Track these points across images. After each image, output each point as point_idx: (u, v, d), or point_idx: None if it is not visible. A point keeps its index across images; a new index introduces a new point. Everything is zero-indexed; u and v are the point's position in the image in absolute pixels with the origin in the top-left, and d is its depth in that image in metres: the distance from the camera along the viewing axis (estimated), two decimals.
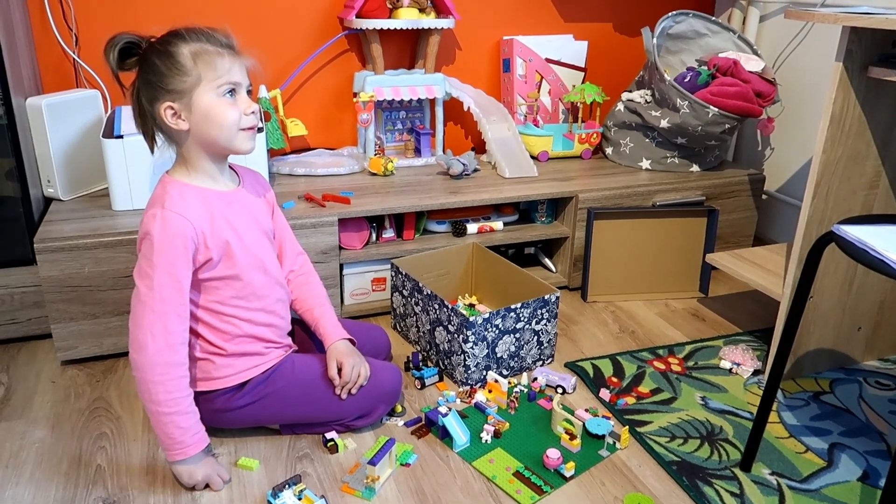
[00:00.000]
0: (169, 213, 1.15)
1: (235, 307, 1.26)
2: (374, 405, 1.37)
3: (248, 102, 1.20)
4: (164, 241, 1.15)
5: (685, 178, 2.07)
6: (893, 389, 1.59)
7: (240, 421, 1.33)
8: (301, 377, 1.32)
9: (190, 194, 1.20)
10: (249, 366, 1.29)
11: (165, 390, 1.16)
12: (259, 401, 1.30)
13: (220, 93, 1.16)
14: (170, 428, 1.18)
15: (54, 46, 1.87)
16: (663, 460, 1.33)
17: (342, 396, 1.32)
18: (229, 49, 1.18)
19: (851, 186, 1.47)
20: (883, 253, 1.00)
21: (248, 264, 1.26)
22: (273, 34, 2.05)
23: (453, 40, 2.24)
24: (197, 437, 1.20)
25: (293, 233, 1.44)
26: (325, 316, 1.39)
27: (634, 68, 2.39)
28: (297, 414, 1.34)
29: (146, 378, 1.16)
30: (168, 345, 1.16)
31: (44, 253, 1.49)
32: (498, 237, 1.94)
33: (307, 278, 1.43)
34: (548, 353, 1.65)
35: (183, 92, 1.15)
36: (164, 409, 1.17)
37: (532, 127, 2.21)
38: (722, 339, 1.78)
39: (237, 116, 1.18)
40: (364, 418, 1.37)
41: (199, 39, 1.15)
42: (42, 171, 1.72)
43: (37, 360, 1.64)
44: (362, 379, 1.33)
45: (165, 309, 1.15)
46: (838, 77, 1.34)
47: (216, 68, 1.15)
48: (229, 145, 1.20)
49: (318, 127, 2.20)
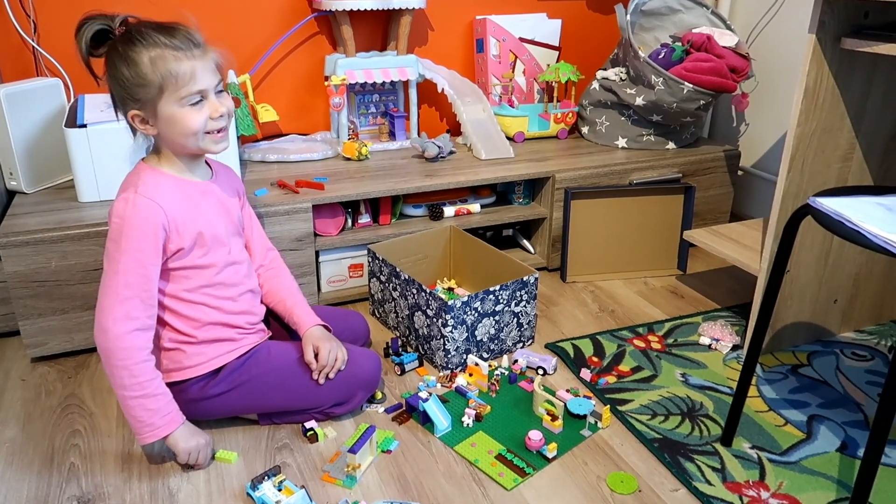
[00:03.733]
0: (141, 199, 1.14)
1: (204, 295, 1.24)
2: (353, 392, 1.35)
3: (216, 106, 1.16)
4: (134, 226, 1.13)
5: (661, 156, 2.07)
6: (870, 360, 1.61)
7: (217, 411, 1.31)
8: (277, 363, 1.31)
9: (163, 181, 1.19)
10: (222, 352, 1.27)
11: (130, 374, 1.15)
12: (235, 389, 1.28)
13: (183, 103, 1.13)
14: (138, 411, 1.17)
15: (12, 34, 1.81)
16: (645, 438, 1.33)
17: (320, 381, 1.31)
18: (194, 49, 1.13)
19: (826, 159, 1.47)
20: (859, 224, 1.00)
21: (219, 255, 1.25)
22: (241, 17, 2.00)
23: (425, 21, 2.20)
24: (167, 417, 1.19)
25: (264, 221, 1.42)
26: (297, 305, 1.38)
27: (609, 46, 2.37)
28: (274, 402, 1.32)
29: (110, 362, 1.15)
30: (129, 330, 1.14)
31: (8, 248, 1.45)
32: (475, 220, 1.92)
33: (277, 272, 1.42)
34: (528, 335, 1.64)
35: (146, 102, 1.13)
36: (130, 393, 1.16)
37: (507, 107, 2.19)
38: (701, 316, 1.79)
39: (202, 123, 1.15)
40: (343, 405, 1.36)
41: (159, 44, 1.11)
42: (3, 163, 1.67)
43: (5, 357, 1.59)
44: (339, 363, 1.31)
45: (129, 294, 1.14)
46: (811, 49, 1.34)
47: (178, 78, 1.11)
48: (197, 149, 1.19)
49: (290, 112, 2.16)
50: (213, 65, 1.16)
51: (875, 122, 1.50)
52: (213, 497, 1.19)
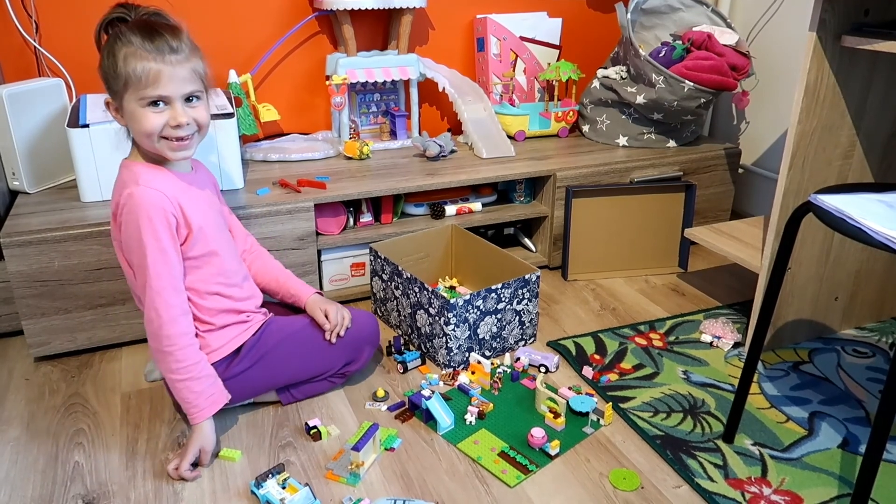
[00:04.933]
0: (145, 189, 1.17)
1: (217, 284, 1.29)
2: (360, 348, 1.44)
3: (176, 115, 1.16)
4: (147, 218, 1.17)
5: (662, 154, 2.07)
6: (871, 357, 1.61)
7: (241, 391, 1.34)
8: (288, 333, 1.37)
9: (158, 172, 1.22)
10: (239, 332, 1.33)
11: (175, 360, 1.20)
12: (256, 364, 1.33)
13: (142, 103, 1.14)
14: (185, 393, 1.22)
15: (14, 34, 1.81)
16: (647, 435, 1.34)
17: (332, 341, 1.38)
18: (169, 55, 1.13)
19: (827, 157, 1.48)
20: (861, 221, 1.01)
21: (221, 243, 1.30)
22: (242, 17, 2.00)
23: (426, 20, 2.21)
24: (211, 398, 1.24)
25: (266, 221, 1.45)
26: (289, 279, 1.47)
27: (609, 45, 2.38)
28: (292, 371, 1.38)
29: (157, 349, 1.21)
30: (170, 318, 1.19)
31: (11, 248, 1.45)
32: (477, 218, 1.92)
33: (260, 254, 1.49)
34: (530, 333, 1.64)
35: (116, 93, 1.17)
36: (176, 377, 1.21)
37: (508, 106, 2.19)
38: (702, 314, 1.79)
39: (156, 127, 1.16)
40: (353, 363, 1.44)
41: (134, 43, 1.12)
42: (6, 163, 1.67)
43: (8, 357, 1.60)
44: (347, 321, 1.41)
45: (162, 285, 1.19)
46: (812, 47, 1.34)
47: (141, 79, 1.13)
48: (154, 150, 1.20)
49: (291, 111, 2.16)
50: (191, 73, 1.16)
51: (875, 120, 1.50)
52: (218, 495, 1.19)
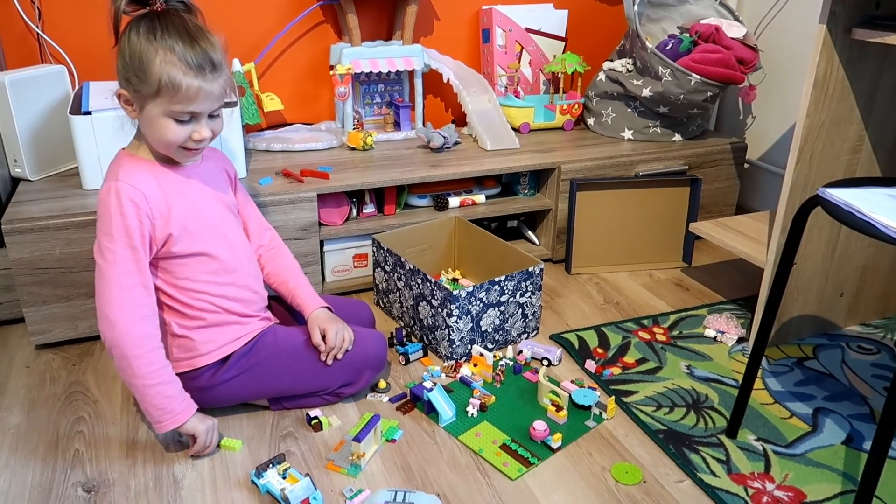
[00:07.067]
0: (123, 185, 1.13)
1: (206, 283, 1.23)
2: (360, 372, 1.35)
3: (201, 131, 1.14)
4: (121, 214, 1.12)
5: (668, 148, 2.06)
6: (875, 354, 1.60)
7: (227, 397, 1.31)
8: (284, 346, 1.31)
9: (144, 168, 1.18)
10: (231, 338, 1.27)
11: (146, 363, 1.15)
12: (244, 373, 1.28)
13: (171, 115, 1.11)
14: (158, 399, 1.16)
15: (16, 21, 1.80)
16: (650, 429, 1.33)
17: (328, 363, 1.31)
18: (208, 73, 1.10)
19: (835, 151, 1.46)
20: (869, 215, 0.99)
21: (214, 240, 1.24)
22: (246, 5, 1.98)
23: (431, 10, 2.19)
24: (185, 402, 1.20)
25: (269, 210, 1.41)
26: (300, 286, 1.38)
27: (615, 37, 2.36)
28: (283, 385, 1.32)
29: (124, 354, 1.14)
30: (139, 317, 1.15)
31: (12, 235, 1.44)
32: (480, 210, 1.92)
33: (277, 252, 1.41)
34: (532, 326, 1.63)
35: (139, 93, 1.11)
36: (148, 382, 1.15)
37: (513, 98, 2.18)
38: (706, 308, 1.78)
39: (181, 139, 1.14)
40: (351, 386, 1.36)
41: (176, 51, 1.07)
42: (8, 150, 1.66)
43: (9, 345, 1.59)
44: (347, 343, 1.31)
45: (131, 282, 1.14)
46: (822, 40, 1.32)
47: (177, 94, 1.08)
48: (166, 153, 1.18)
49: (295, 101, 2.15)
50: (222, 90, 1.14)
51: (884, 114, 1.49)
52: (218, 484, 1.19)
